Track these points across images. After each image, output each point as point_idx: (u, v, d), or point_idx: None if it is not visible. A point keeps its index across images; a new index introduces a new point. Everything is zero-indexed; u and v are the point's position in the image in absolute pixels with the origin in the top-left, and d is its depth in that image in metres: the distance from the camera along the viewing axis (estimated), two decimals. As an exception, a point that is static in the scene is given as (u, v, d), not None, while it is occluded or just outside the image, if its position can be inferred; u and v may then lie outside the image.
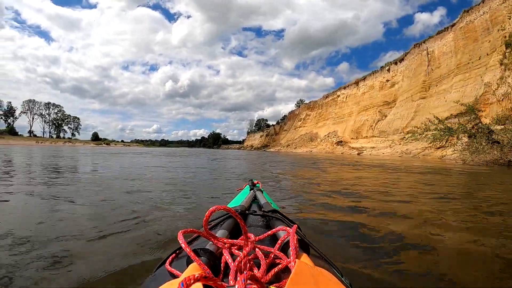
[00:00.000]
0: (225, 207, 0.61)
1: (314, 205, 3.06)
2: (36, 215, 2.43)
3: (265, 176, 5.51)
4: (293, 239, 0.56)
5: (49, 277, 1.30)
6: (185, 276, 0.37)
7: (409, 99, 33.02)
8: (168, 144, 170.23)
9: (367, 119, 40.85)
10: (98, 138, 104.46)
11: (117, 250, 1.63)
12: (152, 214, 2.44)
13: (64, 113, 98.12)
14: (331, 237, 2.00)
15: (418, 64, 34.15)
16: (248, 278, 0.39)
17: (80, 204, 2.85)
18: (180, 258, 0.61)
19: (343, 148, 41.56)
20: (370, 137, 37.99)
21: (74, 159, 11.54)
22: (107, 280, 1.29)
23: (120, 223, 2.14)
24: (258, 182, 1.66)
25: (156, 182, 4.88)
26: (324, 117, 59.01)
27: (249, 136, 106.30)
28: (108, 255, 1.56)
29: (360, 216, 2.56)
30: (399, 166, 10.26)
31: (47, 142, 71.11)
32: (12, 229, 1.92)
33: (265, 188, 1.96)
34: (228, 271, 0.51)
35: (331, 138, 49.58)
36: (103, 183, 4.49)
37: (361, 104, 44.99)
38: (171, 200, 3.11)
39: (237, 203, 1.16)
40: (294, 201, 3.25)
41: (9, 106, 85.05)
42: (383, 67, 43.13)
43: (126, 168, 7.74)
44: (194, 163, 10.08)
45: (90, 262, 1.48)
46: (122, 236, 1.87)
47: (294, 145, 62.55)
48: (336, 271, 0.64)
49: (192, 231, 0.64)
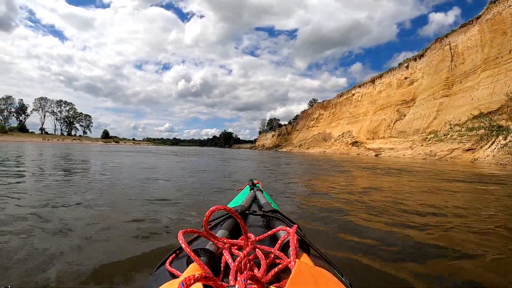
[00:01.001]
0: (225, 207, 0.62)
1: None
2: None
3: (277, 189, 4.32)
4: (293, 239, 0.56)
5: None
6: (185, 276, 0.37)
7: (431, 98, 31.08)
8: (179, 143, 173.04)
9: (384, 119, 38.96)
10: (108, 136, 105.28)
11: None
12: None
13: (75, 110, 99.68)
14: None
15: (440, 60, 32.15)
16: (248, 278, 0.39)
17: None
18: (180, 258, 0.62)
19: (358, 149, 39.82)
20: (387, 138, 36.14)
21: (56, 156, 10.67)
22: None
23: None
24: (258, 182, 1.65)
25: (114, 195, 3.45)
26: (338, 117, 57.28)
27: (261, 136, 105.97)
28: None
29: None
30: (430, 170, 8.91)
31: (54, 139, 71.11)
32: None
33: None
34: (228, 271, 0.51)
35: (345, 138, 47.84)
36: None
37: (378, 103, 43.10)
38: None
39: (237, 203, 1.17)
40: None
41: (21, 104, 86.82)
42: (401, 64, 41.11)
43: (103, 169, 6.61)
44: (194, 165, 9.01)
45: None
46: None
47: (307, 145, 61.00)
48: (336, 271, 0.64)
49: (192, 231, 0.65)
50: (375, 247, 1.82)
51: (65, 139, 75.30)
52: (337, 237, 2.03)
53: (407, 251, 1.79)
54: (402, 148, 28.80)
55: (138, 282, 1.26)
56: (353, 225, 2.36)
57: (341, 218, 2.55)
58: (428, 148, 23.64)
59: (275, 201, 1.86)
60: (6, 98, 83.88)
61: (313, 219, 2.51)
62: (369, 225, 2.36)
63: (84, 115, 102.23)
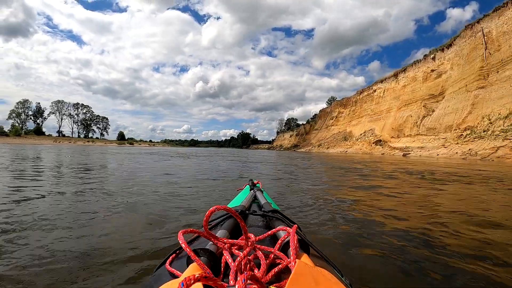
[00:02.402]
0: (225, 207, 0.62)
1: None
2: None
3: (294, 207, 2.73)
4: (293, 239, 0.56)
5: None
6: (185, 276, 0.37)
7: (463, 90, 28.32)
8: (197, 144, 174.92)
9: (411, 115, 36.25)
10: (124, 137, 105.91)
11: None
12: None
13: (92, 113, 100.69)
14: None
15: (472, 48, 29.32)
16: (248, 278, 0.39)
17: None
18: (180, 258, 0.63)
19: (382, 148, 37.37)
20: (415, 136, 33.53)
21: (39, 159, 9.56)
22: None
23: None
24: (258, 182, 1.67)
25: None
26: (358, 115, 54.71)
27: (279, 136, 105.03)
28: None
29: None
30: (488, 174, 6.86)
31: (66, 141, 70.73)
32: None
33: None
34: (228, 271, 0.51)
35: (367, 137, 45.33)
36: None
37: (402, 98, 40.38)
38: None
39: (237, 203, 1.18)
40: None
41: (38, 107, 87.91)
42: (427, 56, 38.26)
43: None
44: (201, 168, 7.67)
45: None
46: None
47: (326, 145, 58.71)
48: (336, 271, 0.64)
49: (192, 231, 0.65)
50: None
51: (77, 141, 75.14)
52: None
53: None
54: (434, 147, 26.34)
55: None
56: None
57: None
58: (466, 146, 21.19)
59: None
60: (24, 102, 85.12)
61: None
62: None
63: (101, 118, 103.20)
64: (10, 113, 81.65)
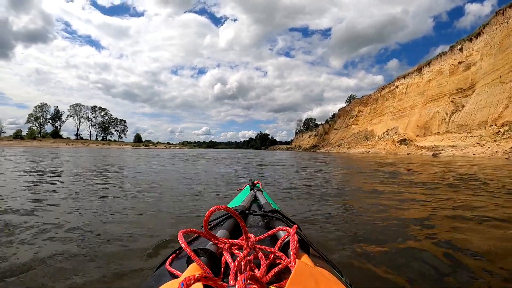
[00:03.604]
0: (225, 207, 0.62)
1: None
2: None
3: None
4: (293, 239, 0.57)
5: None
6: (185, 276, 0.37)
7: (497, 82, 25.93)
8: (215, 146, 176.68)
9: (438, 111, 33.88)
10: (140, 140, 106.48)
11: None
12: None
13: (110, 116, 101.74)
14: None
15: (504, 35, 26.87)
16: (248, 278, 0.39)
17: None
18: (180, 258, 0.63)
19: (408, 148, 35.21)
20: (443, 133, 31.26)
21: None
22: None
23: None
24: (258, 182, 1.66)
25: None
26: (380, 112, 52.42)
27: (297, 137, 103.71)
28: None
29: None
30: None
31: (79, 144, 69.72)
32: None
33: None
34: (228, 271, 0.51)
35: (391, 136, 43.11)
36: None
37: (427, 94, 38.01)
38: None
39: (237, 203, 1.17)
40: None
41: (56, 111, 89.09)
42: (454, 47, 35.76)
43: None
44: (187, 177, 6.50)
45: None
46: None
47: (347, 145, 56.72)
48: (336, 271, 0.64)
49: (192, 231, 0.65)
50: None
51: (90, 143, 73.93)
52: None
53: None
54: (467, 145, 24.21)
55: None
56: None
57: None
58: (507, 144, 19.13)
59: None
60: (42, 106, 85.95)
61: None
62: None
63: (119, 120, 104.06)
64: (29, 116, 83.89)
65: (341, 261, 1.54)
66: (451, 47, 36.40)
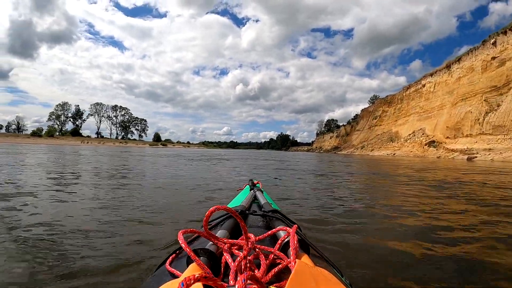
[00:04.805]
0: (225, 207, 0.62)
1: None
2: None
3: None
4: (293, 239, 0.57)
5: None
6: (185, 276, 0.37)
7: (537, 79, 23.65)
8: (236, 146, 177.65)
9: (470, 111, 31.53)
10: (159, 139, 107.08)
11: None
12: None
13: (131, 115, 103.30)
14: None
15: (546, 28, 24.51)
16: (248, 278, 0.39)
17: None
18: (180, 258, 0.63)
19: (437, 151, 33.07)
20: (477, 135, 29.01)
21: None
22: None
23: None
24: (258, 182, 1.66)
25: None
26: (405, 113, 49.99)
27: (318, 138, 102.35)
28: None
29: None
30: None
31: (95, 142, 70.22)
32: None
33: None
34: (228, 271, 0.52)
35: (418, 138, 40.83)
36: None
37: (457, 92, 35.57)
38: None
39: (237, 203, 1.17)
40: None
41: (77, 109, 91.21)
42: (486, 41, 33.24)
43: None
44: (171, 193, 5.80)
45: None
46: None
47: (370, 147, 54.53)
48: (336, 271, 0.65)
49: (192, 231, 0.65)
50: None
51: (106, 142, 74.34)
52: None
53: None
54: (507, 149, 22.21)
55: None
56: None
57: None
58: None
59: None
60: (63, 105, 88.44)
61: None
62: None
63: (140, 119, 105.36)
64: (50, 115, 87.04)
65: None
66: (483, 41, 33.87)
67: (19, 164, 8.23)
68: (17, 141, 48.89)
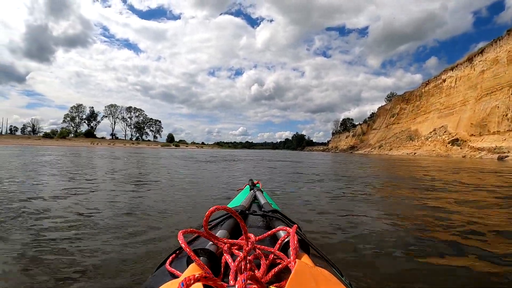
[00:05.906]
0: (225, 207, 0.62)
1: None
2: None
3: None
4: (293, 239, 0.57)
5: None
6: (185, 276, 0.37)
7: None
8: (251, 146, 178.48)
9: (497, 106, 29.48)
10: (173, 140, 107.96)
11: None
12: None
13: (145, 116, 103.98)
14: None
15: None
16: (248, 278, 0.39)
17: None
18: (180, 258, 0.63)
19: (462, 149, 31.11)
20: (505, 132, 27.03)
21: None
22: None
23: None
24: (258, 182, 1.67)
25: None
26: (424, 110, 47.87)
27: (334, 137, 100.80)
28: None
29: None
30: None
31: (105, 143, 69.92)
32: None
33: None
34: (228, 271, 0.52)
35: (439, 136, 38.75)
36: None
37: (481, 86, 33.50)
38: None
39: (237, 203, 1.17)
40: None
41: (91, 111, 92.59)
42: (511, 31, 31.07)
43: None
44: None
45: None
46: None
47: (389, 146, 52.52)
48: (336, 271, 0.65)
49: (192, 231, 0.66)
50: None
51: (116, 143, 73.35)
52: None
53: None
54: (540, 148, 20.27)
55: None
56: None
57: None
58: None
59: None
60: (77, 107, 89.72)
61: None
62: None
63: (154, 121, 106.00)
64: (65, 117, 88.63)
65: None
66: (507, 31, 31.71)
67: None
68: (26, 143, 48.98)
